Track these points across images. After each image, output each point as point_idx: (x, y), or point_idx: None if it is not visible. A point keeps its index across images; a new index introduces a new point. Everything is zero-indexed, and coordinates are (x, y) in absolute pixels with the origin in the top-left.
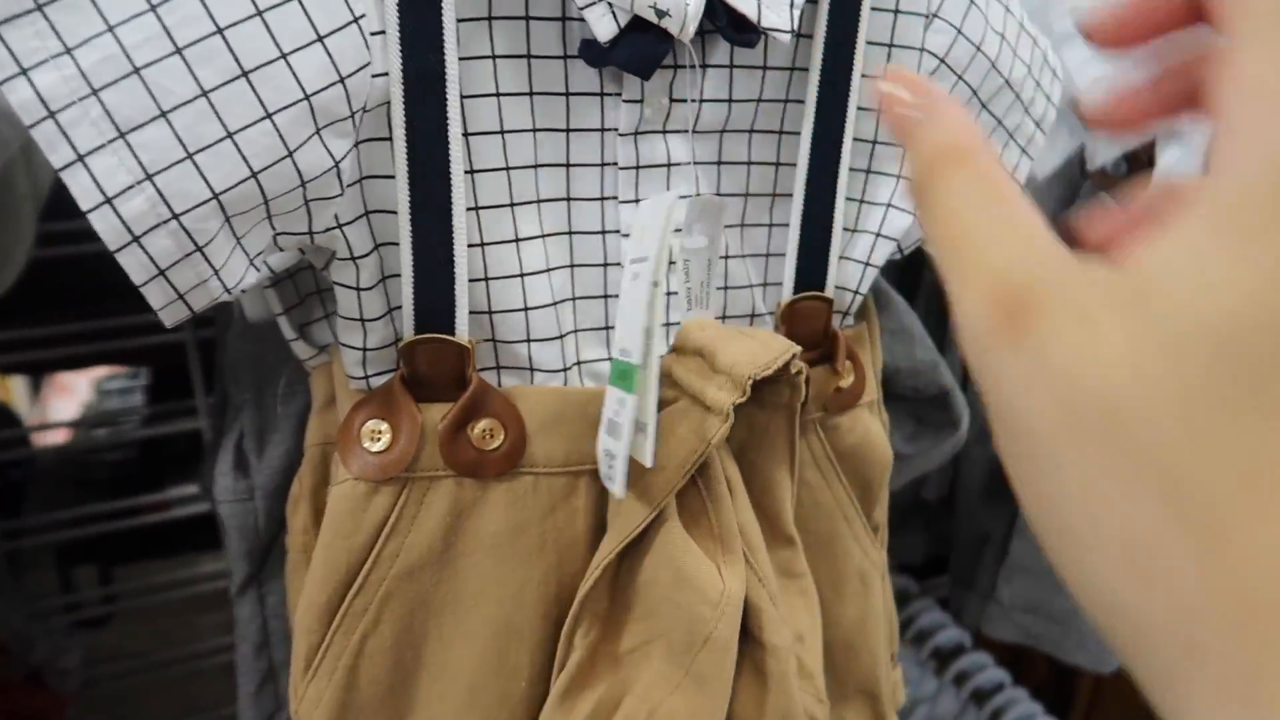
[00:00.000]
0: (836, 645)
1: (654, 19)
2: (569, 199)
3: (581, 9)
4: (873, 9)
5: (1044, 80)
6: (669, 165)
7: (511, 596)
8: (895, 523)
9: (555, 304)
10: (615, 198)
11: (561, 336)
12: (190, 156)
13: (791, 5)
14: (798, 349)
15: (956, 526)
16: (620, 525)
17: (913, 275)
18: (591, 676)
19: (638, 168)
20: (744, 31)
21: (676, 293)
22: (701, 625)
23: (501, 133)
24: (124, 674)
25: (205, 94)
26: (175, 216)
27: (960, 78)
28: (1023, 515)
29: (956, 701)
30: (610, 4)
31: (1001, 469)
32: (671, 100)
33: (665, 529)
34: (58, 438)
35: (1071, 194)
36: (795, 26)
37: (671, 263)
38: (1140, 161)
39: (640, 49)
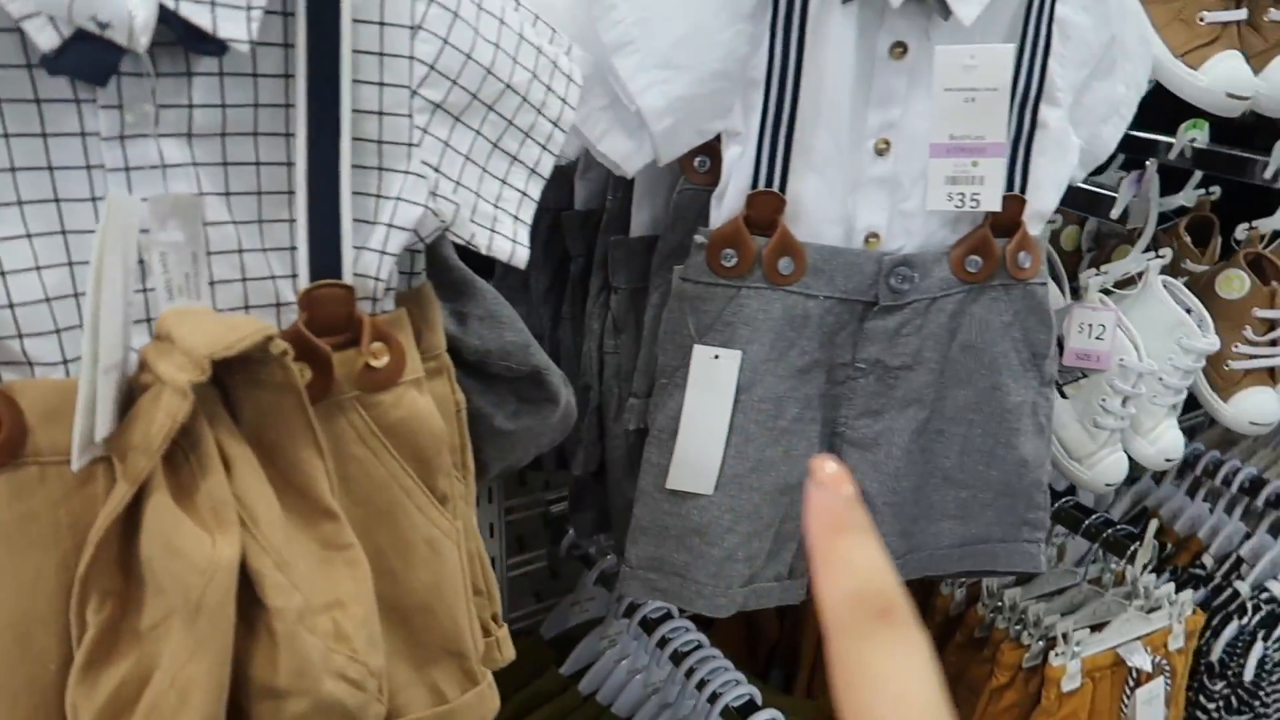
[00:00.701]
0: (413, 609)
1: (96, 30)
2: (58, 200)
3: (18, 20)
4: (356, 20)
5: (555, 84)
6: (163, 167)
7: (29, 583)
8: (572, 502)
9: (49, 300)
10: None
11: (59, 331)
12: None
13: (249, 17)
14: (272, 331)
15: (610, 500)
16: (108, 505)
17: (564, 270)
18: (114, 653)
19: (128, 169)
20: (203, 41)
21: (154, 289)
22: (193, 593)
23: None
24: None
25: None
26: None
27: (454, 83)
28: (643, 481)
29: (663, 669)
30: (50, 16)
31: (640, 445)
32: (158, 106)
33: (154, 504)
34: None
35: None
36: (252, 36)
37: (141, 261)
38: None
39: (88, 58)
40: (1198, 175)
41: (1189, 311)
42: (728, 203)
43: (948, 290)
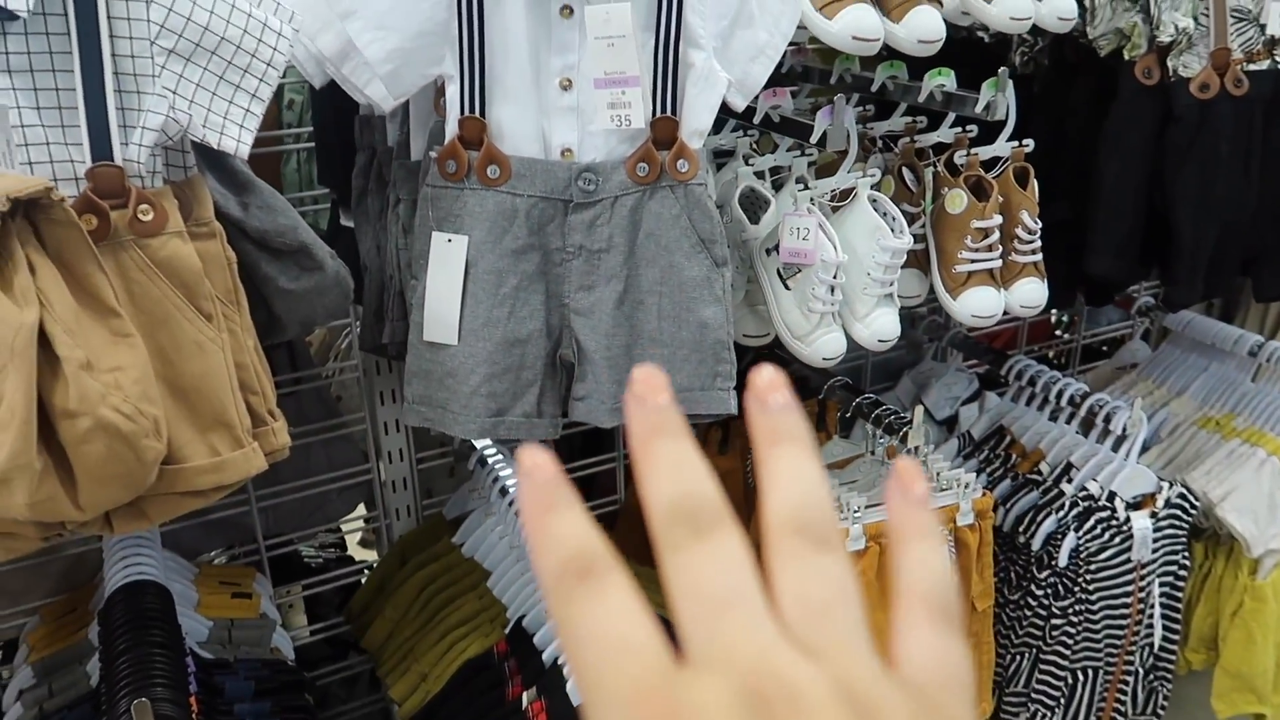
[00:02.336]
0: (189, 390)
1: None
2: None
3: None
4: None
5: (266, 38)
6: None
7: None
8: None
9: None
10: None
11: None
12: None
13: None
14: (49, 185)
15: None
16: None
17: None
18: None
19: None
20: (2, 12)
21: None
22: (8, 342)
23: None
24: None
25: None
26: None
27: (180, 36)
28: (411, 337)
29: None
30: None
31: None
32: None
33: None
34: None
35: None
36: (30, 8)
37: None
38: None
39: None
40: (952, 116)
41: (893, 220)
42: (449, 127)
43: (626, 190)
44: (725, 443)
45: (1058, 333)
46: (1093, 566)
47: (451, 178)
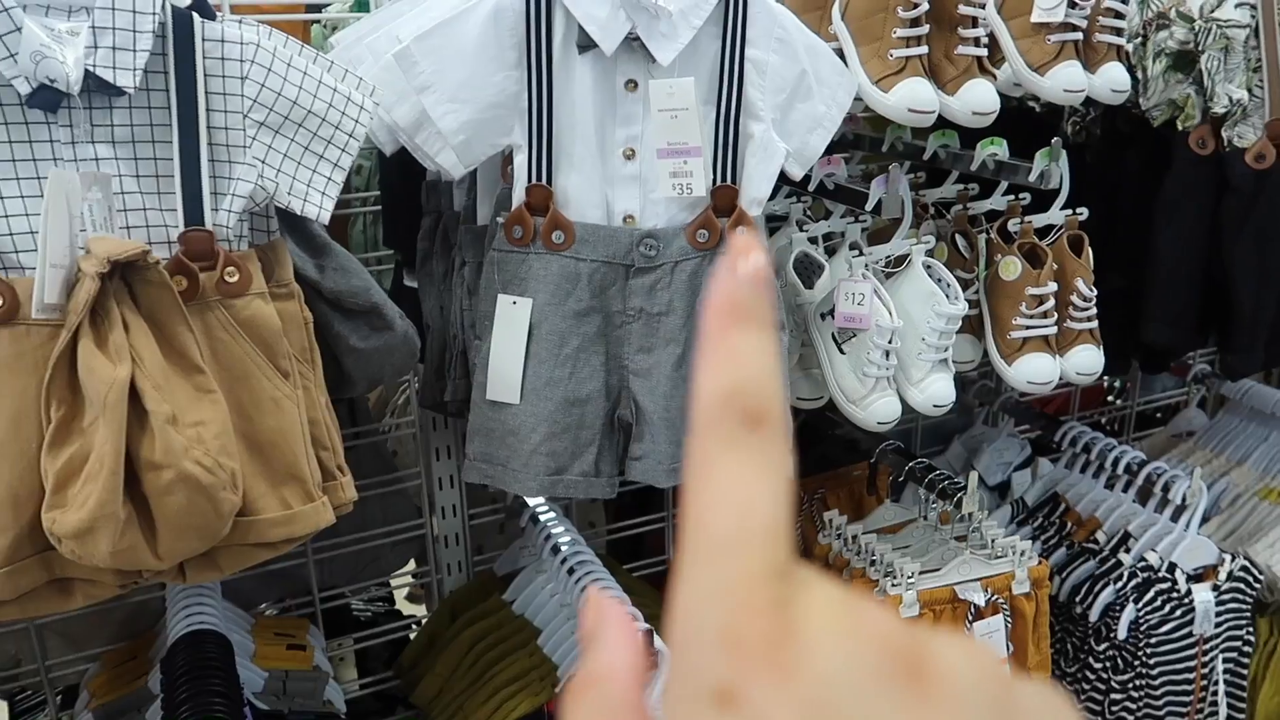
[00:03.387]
0: (265, 444)
1: (49, 84)
2: (38, 177)
3: (9, 79)
4: (207, 75)
5: (349, 111)
6: (96, 160)
7: (20, 393)
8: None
9: (32, 233)
10: None
11: (37, 250)
12: None
13: (134, 75)
14: (145, 248)
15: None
16: (59, 344)
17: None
18: (66, 439)
19: (76, 160)
20: (110, 88)
21: (85, 230)
22: (101, 397)
23: None
24: None
25: None
26: None
27: (270, 109)
28: (474, 395)
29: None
30: (25, 77)
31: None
32: (92, 125)
33: (83, 345)
34: None
35: None
36: (136, 85)
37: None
38: None
39: (46, 99)
40: (1004, 184)
41: (948, 286)
42: (516, 195)
43: (686, 255)
44: None
45: (1110, 398)
46: (1153, 640)
47: (518, 243)
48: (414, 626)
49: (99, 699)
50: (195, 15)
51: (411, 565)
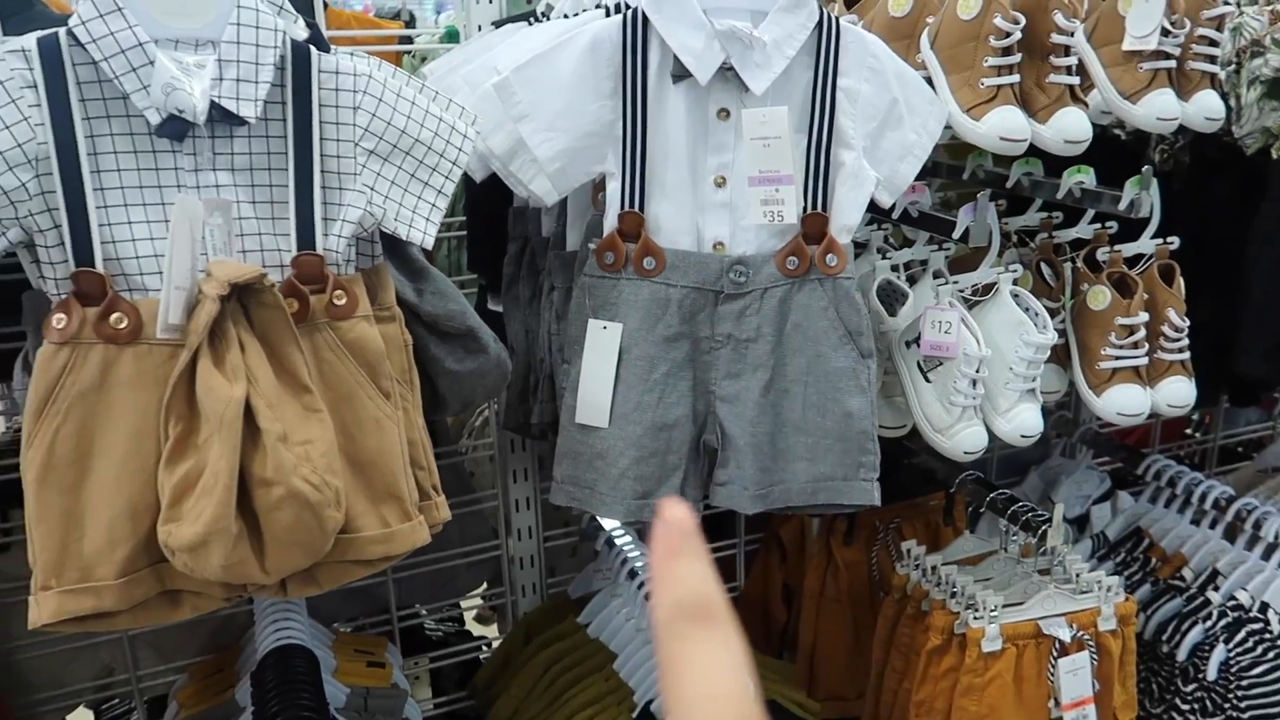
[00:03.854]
0: (365, 463)
1: (178, 114)
2: (163, 204)
3: (142, 110)
4: (321, 105)
5: (453, 140)
6: (217, 186)
7: (141, 410)
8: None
9: (156, 256)
10: None
11: (161, 273)
12: None
13: (255, 106)
14: (263, 272)
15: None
16: (179, 363)
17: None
18: (183, 455)
19: (198, 187)
20: (232, 117)
21: (206, 253)
22: (218, 415)
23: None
24: (17, 591)
25: None
26: None
27: (380, 138)
28: (563, 418)
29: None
30: (156, 108)
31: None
32: (214, 153)
33: (201, 365)
34: None
35: None
36: (258, 115)
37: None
38: None
39: (174, 128)
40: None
41: (1036, 315)
42: (609, 221)
43: (775, 282)
44: (850, 534)
45: (1190, 431)
46: (1244, 682)
47: (609, 268)
48: (485, 647)
49: (187, 710)
50: (312, 48)
51: (482, 585)
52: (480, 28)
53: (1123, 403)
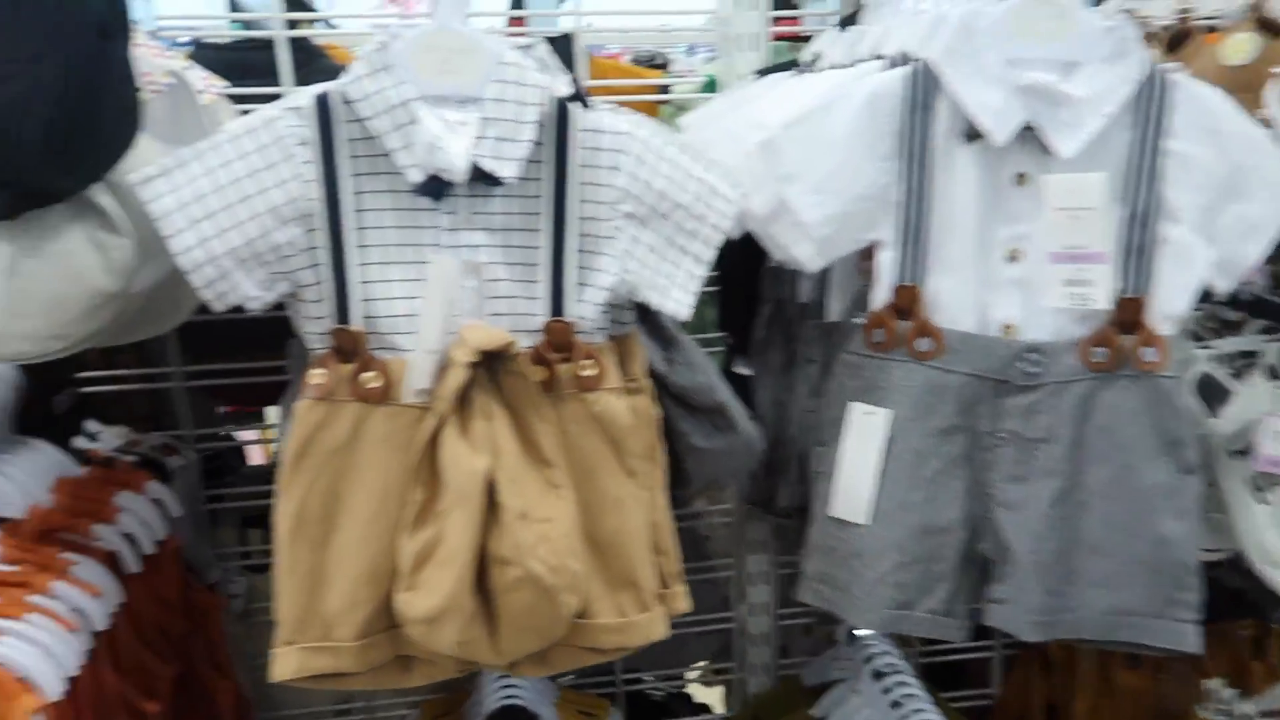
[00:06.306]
0: (601, 543)
1: (439, 174)
2: (419, 262)
3: (402, 169)
4: (581, 166)
5: (715, 203)
6: (473, 246)
7: (388, 471)
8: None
9: (411, 316)
10: None
11: (413, 333)
12: None
13: (518, 166)
14: (513, 340)
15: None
16: (424, 429)
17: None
18: (426, 521)
19: (456, 246)
20: (491, 178)
21: (458, 315)
22: (463, 488)
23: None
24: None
25: None
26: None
27: (640, 200)
28: (815, 508)
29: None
30: (418, 166)
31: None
32: (472, 213)
33: (447, 432)
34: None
35: None
36: (517, 175)
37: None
38: None
39: (435, 188)
40: None
41: None
42: (880, 294)
43: (1076, 376)
44: (1135, 655)
45: None
46: None
47: (878, 347)
48: (703, 713)
49: None
50: (572, 105)
51: (710, 657)
52: (742, 77)
53: None
